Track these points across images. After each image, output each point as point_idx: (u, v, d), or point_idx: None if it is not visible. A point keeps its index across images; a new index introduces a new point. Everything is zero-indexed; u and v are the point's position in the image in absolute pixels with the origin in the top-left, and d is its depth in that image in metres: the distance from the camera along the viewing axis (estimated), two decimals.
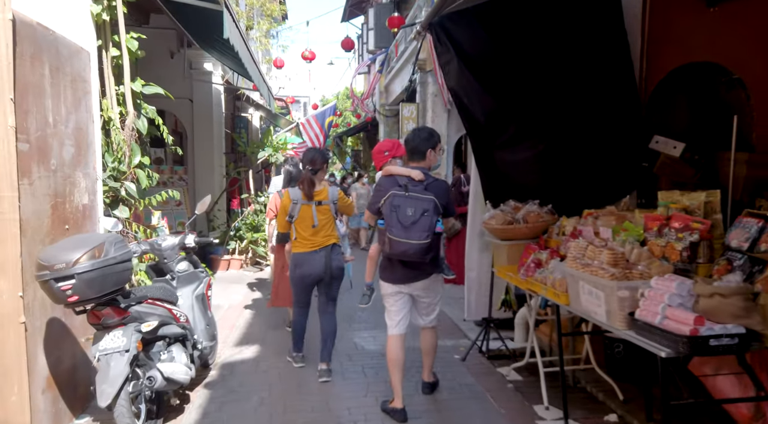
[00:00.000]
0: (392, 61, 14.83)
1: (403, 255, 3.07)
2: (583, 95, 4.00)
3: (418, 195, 3.09)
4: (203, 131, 9.61)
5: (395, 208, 3.04)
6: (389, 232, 3.04)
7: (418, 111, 10.43)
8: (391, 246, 3.05)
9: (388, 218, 3.06)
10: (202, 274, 4.14)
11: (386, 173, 3.32)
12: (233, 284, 7.71)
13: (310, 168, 4.07)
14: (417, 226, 2.99)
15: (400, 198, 3.08)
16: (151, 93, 4.76)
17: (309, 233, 4.00)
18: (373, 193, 3.48)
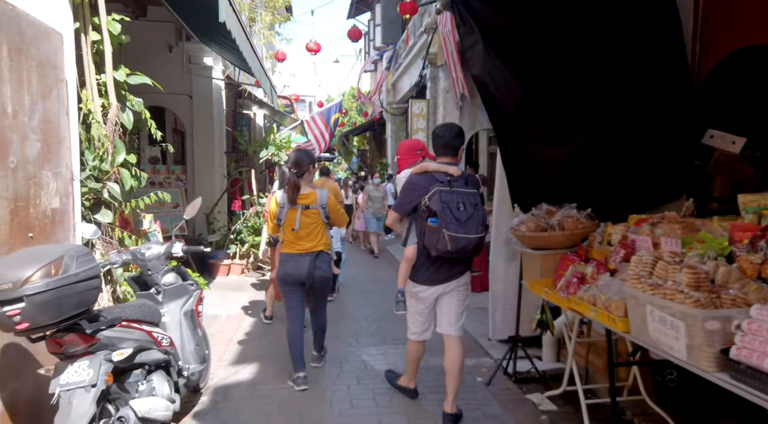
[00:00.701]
0: (400, 58, 14.33)
1: (462, 251, 2.97)
2: (627, 82, 3.47)
3: (463, 190, 3.03)
4: (203, 129, 9.16)
5: (446, 204, 2.93)
6: (446, 228, 2.89)
7: (429, 108, 9.91)
8: (451, 243, 2.91)
9: (441, 215, 2.91)
10: (192, 287, 3.65)
11: (421, 170, 3.16)
12: (233, 291, 7.22)
13: (294, 171, 3.87)
14: (472, 220, 2.95)
15: (446, 194, 2.97)
16: (137, 83, 4.29)
17: (293, 237, 3.87)
18: (402, 191, 3.23)
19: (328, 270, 3.97)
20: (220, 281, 7.90)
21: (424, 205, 3.01)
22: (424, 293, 3.24)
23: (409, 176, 3.23)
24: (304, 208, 3.86)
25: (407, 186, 3.16)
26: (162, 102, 9.27)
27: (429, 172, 3.11)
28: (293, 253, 3.87)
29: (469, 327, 5.52)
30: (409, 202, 3.12)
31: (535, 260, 3.47)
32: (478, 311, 6.24)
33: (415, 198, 3.06)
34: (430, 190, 2.99)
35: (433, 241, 2.98)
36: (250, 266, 8.58)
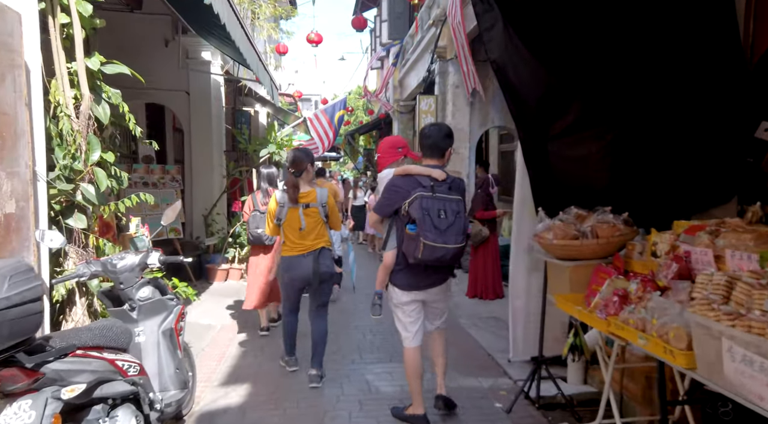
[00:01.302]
0: (407, 53, 13.87)
1: (439, 261, 2.86)
2: (668, 65, 2.98)
3: (445, 196, 2.88)
4: (201, 127, 8.75)
5: (426, 211, 2.80)
6: (423, 237, 2.77)
7: (437, 104, 9.46)
8: (426, 252, 2.80)
9: (420, 222, 2.79)
10: (172, 302, 3.22)
11: (403, 172, 3.01)
12: (229, 299, 6.80)
13: (293, 171, 3.86)
14: (453, 229, 2.82)
15: (428, 200, 2.83)
16: (114, 72, 3.87)
17: (297, 237, 3.83)
18: (384, 193, 3.11)
19: (332, 265, 3.95)
20: (218, 286, 7.49)
21: (404, 210, 2.89)
22: (403, 298, 3.15)
23: (391, 178, 3.09)
24: (305, 206, 3.82)
25: (389, 188, 3.03)
26: (159, 99, 8.89)
27: (412, 176, 2.96)
28: (295, 255, 3.82)
29: (483, 340, 5.06)
30: (390, 204, 3.02)
31: (563, 272, 3.01)
32: (491, 320, 5.79)
33: (396, 201, 2.95)
34: (411, 195, 2.86)
35: (410, 248, 2.88)
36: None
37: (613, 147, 3.17)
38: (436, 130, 3.12)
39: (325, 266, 3.86)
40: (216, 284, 7.61)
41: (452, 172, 3.20)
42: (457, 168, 9.43)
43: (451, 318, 6.17)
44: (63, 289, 3.52)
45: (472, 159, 9.44)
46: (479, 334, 5.28)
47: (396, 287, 3.13)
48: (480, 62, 9.36)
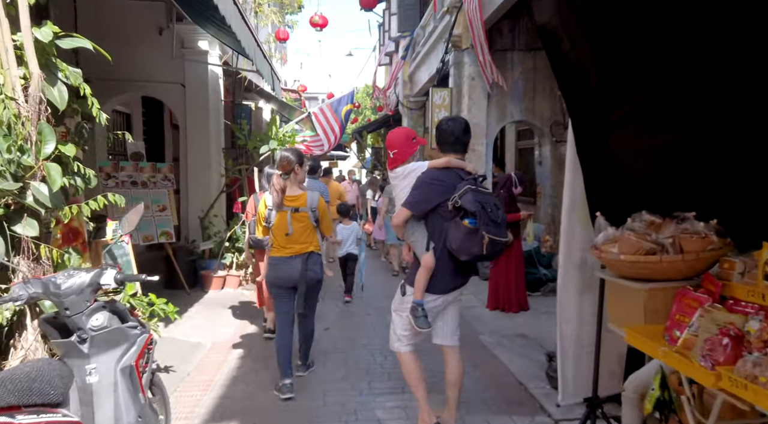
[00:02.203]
0: (418, 46, 13.19)
1: (494, 254, 2.78)
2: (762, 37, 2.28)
3: (483, 190, 2.79)
4: (197, 122, 8.13)
5: (481, 205, 2.66)
6: (486, 231, 2.64)
7: (452, 97, 8.78)
8: (489, 247, 2.67)
9: (481, 216, 2.65)
10: (134, 331, 2.56)
11: (444, 165, 2.86)
12: (224, 309, 6.16)
13: (281, 173, 3.71)
14: (503, 222, 2.77)
15: (478, 193, 2.71)
16: (72, 47, 3.21)
17: (284, 241, 3.72)
18: (420, 188, 2.83)
19: (319, 271, 3.82)
20: (213, 296, 6.84)
21: (453, 204, 2.70)
22: (435, 303, 2.95)
23: (428, 171, 2.86)
24: (294, 211, 3.69)
25: (427, 182, 2.80)
26: (152, 92, 8.28)
27: (452, 168, 2.86)
28: (283, 256, 3.72)
29: (512, 364, 4.38)
30: (429, 200, 2.80)
31: (635, 296, 2.32)
32: (518, 339, 5.10)
33: (438, 196, 2.77)
34: (458, 189, 2.72)
35: (467, 245, 2.70)
36: (249, 277, 7.51)
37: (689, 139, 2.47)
38: (457, 124, 2.99)
39: (312, 271, 3.75)
40: (211, 292, 6.97)
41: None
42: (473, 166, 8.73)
43: (471, 334, 5.54)
44: (8, 312, 2.89)
45: (489, 157, 8.75)
46: (506, 356, 4.59)
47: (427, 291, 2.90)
48: (498, 52, 8.68)
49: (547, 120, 8.72)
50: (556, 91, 8.59)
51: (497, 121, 8.74)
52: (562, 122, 8.62)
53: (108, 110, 8.42)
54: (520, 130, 11.15)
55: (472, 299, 6.75)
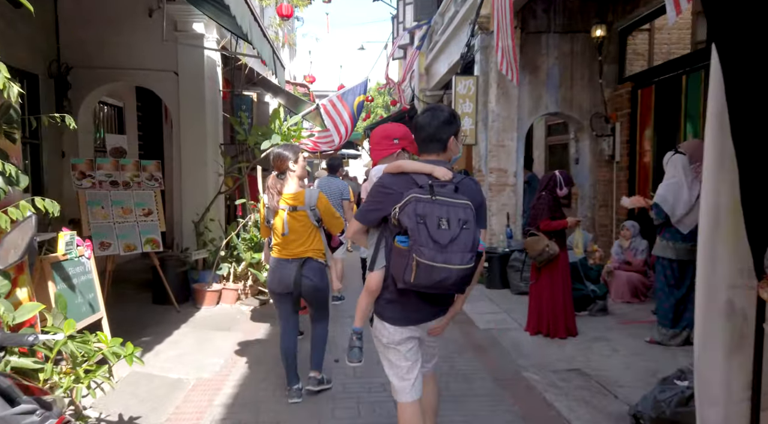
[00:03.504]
0: (436, 35, 12.23)
1: (437, 286, 2.10)
2: None
3: (449, 200, 2.12)
4: (192, 114, 7.24)
5: (422, 220, 2.06)
6: (418, 253, 2.05)
7: (478, 86, 7.80)
8: (422, 274, 2.06)
9: (414, 234, 2.06)
10: (32, 419, 1.62)
11: (395, 169, 2.30)
12: (217, 332, 5.24)
13: (276, 173, 3.57)
14: (457, 244, 2.06)
15: (425, 205, 2.09)
16: None
17: (282, 241, 3.56)
18: (370, 195, 2.37)
19: (316, 279, 3.55)
20: (206, 313, 5.93)
21: (394, 217, 2.19)
22: (396, 336, 2.37)
23: (380, 176, 2.41)
24: (291, 209, 3.50)
25: (376, 189, 2.36)
26: (142, 80, 7.39)
27: (407, 173, 2.28)
28: (281, 258, 3.58)
29: (574, 416, 3.39)
30: (377, 209, 2.33)
31: None
32: (575, 377, 4.05)
33: (386, 206, 2.26)
34: (403, 198, 2.16)
35: (399, 268, 2.16)
36: (249, 290, 6.60)
37: None
38: (430, 117, 2.33)
39: (308, 279, 3.52)
40: (204, 309, 6.06)
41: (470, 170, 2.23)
42: (502, 165, 7.77)
43: (511, 368, 4.34)
44: None
45: (520, 153, 7.77)
46: (564, 403, 3.62)
47: (387, 321, 2.37)
48: (530, 35, 7.68)
49: (587, 112, 7.71)
50: (597, 79, 7.58)
51: (530, 112, 7.76)
52: (604, 114, 7.61)
53: (93, 102, 7.57)
54: (551, 124, 10.13)
55: (506, 319, 5.78)
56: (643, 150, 7.02)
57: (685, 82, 6.10)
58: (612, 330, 5.25)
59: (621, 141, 7.32)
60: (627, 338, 5.00)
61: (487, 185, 7.71)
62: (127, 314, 5.67)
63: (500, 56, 6.84)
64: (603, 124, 7.58)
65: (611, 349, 4.70)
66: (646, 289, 6.34)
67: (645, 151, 6.97)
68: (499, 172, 7.62)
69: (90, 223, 5.36)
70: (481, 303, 6.49)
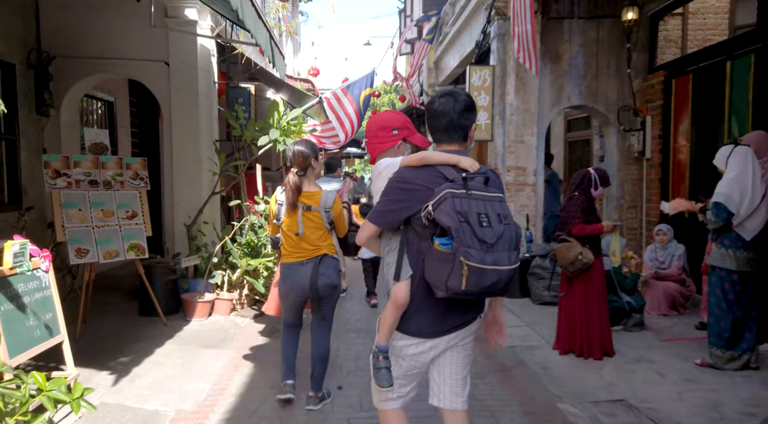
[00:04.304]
0: (446, 26, 11.61)
1: (486, 291, 1.84)
2: None
3: (485, 194, 1.89)
4: (185, 108, 6.69)
5: (463, 217, 1.80)
6: (466, 256, 1.77)
7: (494, 77, 7.18)
8: (472, 279, 1.79)
9: (459, 234, 1.78)
10: None
11: (418, 162, 2.01)
12: (206, 350, 4.66)
13: (296, 170, 3.34)
14: (503, 241, 1.84)
15: (463, 200, 1.84)
16: None
17: (294, 242, 3.39)
18: (387, 193, 2.04)
19: (334, 276, 3.41)
20: (195, 327, 5.35)
21: (426, 217, 1.88)
22: (418, 349, 2.07)
23: (398, 170, 2.05)
24: (306, 209, 3.37)
25: (395, 185, 2.01)
26: (129, 71, 6.82)
27: (432, 166, 1.98)
28: (293, 262, 3.39)
29: None
30: (399, 210, 1.99)
31: None
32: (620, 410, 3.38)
33: (410, 205, 1.95)
34: (436, 194, 1.87)
35: (441, 275, 1.85)
36: (244, 300, 6.02)
37: None
38: (450, 103, 2.05)
39: (325, 276, 3.38)
40: (195, 322, 5.48)
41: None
42: (521, 162, 7.14)
43: (542, 397, 3.67)
44: None
45: (540, 150, 7.16)
46: None
47: (407, 333, 2.08)
48: (552, 21, 7.05)
49: (613, 104, 7.08)
50: (626, 69, 6.94)
51: (551, 105, 7.13)
52: (633, 106, 6.97)
53: (78, 95, 7.01)
54: (571, 119, 9.50)
55: (530, 334, 5.17)
56: (677, 146, 6.38)
57: (729, 69, 5.46)
58: (653, 349, 4.63)
59: (652, 136, 6.68)
60: (672, 359, 4.37)
61: (504, 185, 7.09)
62: (106, 329, 5.11)
63: (516, 44, 6.22)
64: (632, 117, 6.94)
65: (657, 373, 4.07)
66: (684, 300, 5.70)
67: (680, 146, 6.33)
68: (517, 170, 7.00)
69: (65, 227, 4.79)
70: None
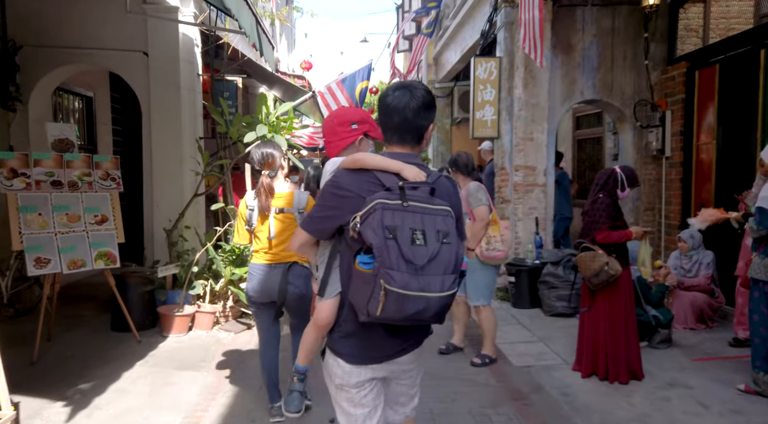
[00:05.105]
0: (446, 19, 11.09)
1: (411, 319, 1.61)
2: None
3: (425, 206, 1.64)
4: (165, 102, 6.17)
5: (391, 234, 1.56)
6: (386, 279, 1.54)
7: (501, 69, 6.66)
8: (391, 305, 1.56)
9: (381, 253, 1.55)
10: None
11: (354, 165, 1.78)
12: (183, 371, 4.11)
13: (267, 172, 3.26)
14: (436, 264, 1.59)
15: (395, 213, 1.59)
16: None
17: (265, 246, 3.27)
18: (320, 199, 1.84)
19: (302, 286, 3.24)
20: (173, 344, 4.80)
21: (353, 229, 1.62)
22: (353, 378, 1.82)
23: (334, 173, 1.84)
24: (278, 211, 3.26)
25: (328, 190, 1.79)
26: (104, 62, 6.28)
27: (369, 171, 1.74)
28: (262, 263, 3.27)
29: None
30: (329, 218, 1.76)
31: None
32: None
33: (342, 214, 1.72)
34: (366, 204, 1.62)
35: (361, 297, 1.62)
36: (229, 312, 5.48)
37: None
38: (406, 98, 1.75)
39: (294, 286, 3.22)
40: (172, 338, 4.93)
41: None
42: (530, 161, 6.62)
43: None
44: None
45: (551, 148, 6.64)
46: None
47: (341, 358, 1.81)
48: (563, 8, 6.52)
49: (629, 99, 6.57)
50: (643, 60, 6.43)
51: (563, 100, 6.61)
52: (650, 101, 6.46)
53: (49, 88, 6.44)
54: (580, 116, 8.99)
55: (545, 352, 4.64)
56: (701, 143, 5.87)
57: (764, 58, 4.95)
58: (687, 371, 4.11)
59: (672, 133, 6.17)
60: (711, 383, 3.85)
61: (511, 185, 6.58)
62: (73, 347, 4.57)
63: (523, 32, 5.71)
64: (649, 112, 6.44)
65: (697, 402, 3.55)
66: (713, 312, 5.18)
67: (704, 144, 5.82)
68: (526, 169, 6.47)
69: (22, 234, 4.24)
70: (510, 328, 5.35)
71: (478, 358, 4.39)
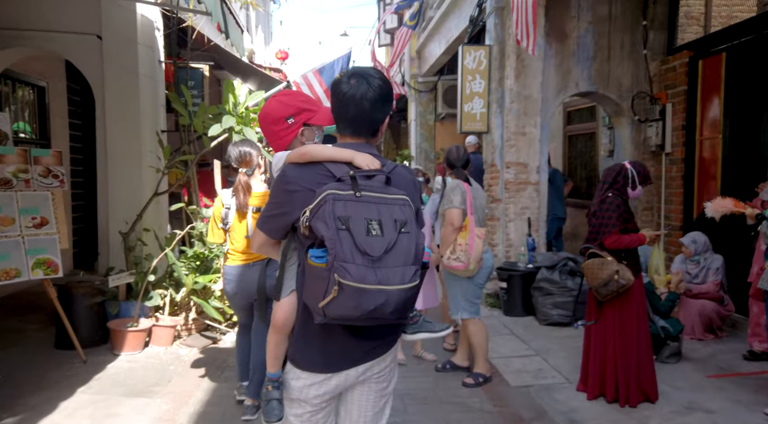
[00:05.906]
0: (430, 10, 10.61)
1: (370, 316, 1.44)
2: None
3: (380, 196, 1.51)
4: (122, 92, 5.57)
5: (344, 224, 1.43)
6: (340, 273, 1.39)
7: (491, 59, 6.19)
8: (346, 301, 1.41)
9: (334, 245, 1.41)
10: None
11: (302, 159, 1.64)
12: (133, 399, 3.54)
13: (244, 170, 3.24)
14: (394, 255, 1.45)
15: (347, 204, 1.46)
16: None
17: (242, 245, 3.24)
18: (271, 195, 1.72)
19: None
20: (125, 364, 4.22)
21: (304, 224, 1.48)
22: (321, 389, 1.63)
23: (282, 168, 1.71)
24: (255, 210, 3.23)
25: (277, 186, 1.68)
26: (52, 45, 5.62)
27: (319, 163, 1.61)
28: (238, 265, 3.26)
29: None
30: (280, 215, 1.62)
31: None
32: None
33: (292, 210, 1.59)
34: (316, 197, 1.50)
35: (315, 295, 1.45)
36: (192, 325, 4.90)
37: None
38: (363, 87, 1.60)
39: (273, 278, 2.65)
40: (124, 356, 4.34)
41: None
42: (522, 158, 6.15)
43: None
44: None
45: (544, 143, 6.19)
46: None
47: (299, 367, 1.64)
48: None
49: (627, 91, 6.15)
50: (642, 50, 6.02)
51: (557, 92, 6.17)
52: (649, 93, 6.06)
53: None
54: (571, 110, 8.58)
55: (543, 367, 4.18)
56: (705, 138, 5.48)
57: None
58: (704, 390, 3.68)
59: (673, 127, 5.78)
60: (733, 406, 3.43)
61: (502, 183, 6.12)
62: (5, 371, 3.96)
63: (515, 17, 5.24)
64: (648, 105, 6.04)
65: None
66: (722, 321, 4.79)
67: (709, 139, 5.43)
68: (518, 166, 6.02)
69: None
70: (503, 339, 4.88)
71: (470, 377, 3.90)
